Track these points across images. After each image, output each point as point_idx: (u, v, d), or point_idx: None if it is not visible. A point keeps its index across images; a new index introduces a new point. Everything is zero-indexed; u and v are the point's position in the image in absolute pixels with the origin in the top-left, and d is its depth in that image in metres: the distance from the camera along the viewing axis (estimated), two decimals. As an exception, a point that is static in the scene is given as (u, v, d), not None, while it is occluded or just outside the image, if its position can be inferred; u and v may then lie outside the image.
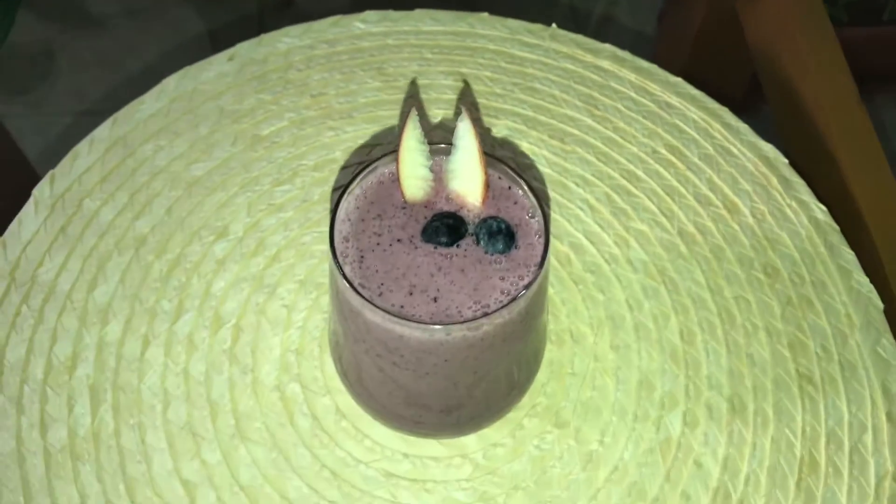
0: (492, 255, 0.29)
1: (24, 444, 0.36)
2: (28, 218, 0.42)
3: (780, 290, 0.41)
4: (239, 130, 0.45)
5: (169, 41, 1.15)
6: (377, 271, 0.29)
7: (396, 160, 0.30)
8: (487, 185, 0.30)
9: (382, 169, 0.31)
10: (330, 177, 0.44)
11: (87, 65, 1.07)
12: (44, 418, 0.37)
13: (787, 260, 0.42)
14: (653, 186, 0.44)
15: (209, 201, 0.43)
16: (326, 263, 0.41)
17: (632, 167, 0.45)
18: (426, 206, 0.31)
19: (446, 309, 0.28)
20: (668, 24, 0.72)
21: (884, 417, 0.38)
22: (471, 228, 0.30)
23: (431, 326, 0.27)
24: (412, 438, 0.37)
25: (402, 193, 0.31)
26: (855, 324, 0.40)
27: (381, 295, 0.29)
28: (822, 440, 0.37)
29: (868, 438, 0.37)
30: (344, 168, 0.44)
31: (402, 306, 0.28)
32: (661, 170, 0.45)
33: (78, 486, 0.35)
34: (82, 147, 0.45)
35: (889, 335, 0.40)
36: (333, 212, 0.30)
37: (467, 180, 0.30)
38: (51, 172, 0.44)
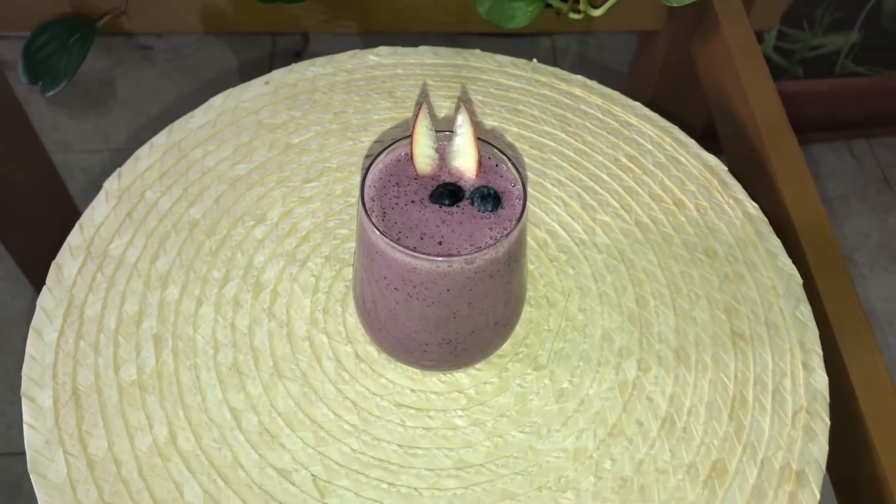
0: (483, 213, 0.39)
1: (101, 378, 0.44)
2: (100, 205, 0.51)
3: (719, 267, 0.50)
4: (274, 139, 0.55)
5: (185, 85, 1.28)
6: (396, 223, 0.38)
7: (410, 142, 0.40)
8: (480, 163, 0.40)
9: (399, 149, 0.40)
10: (349, 176, 0.53)
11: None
12: (116, 360, 0.45)
13: (724, 245, 0.51)
14: (615, 187, 0.54)
15: (250, 194, 0.52)
16: (347, 244, 0.50)
17: (598, 172, 0.55)
18: (432, 178, 0.40)
19: (448, 249, 0.37)
20: (636, 64, 0.83)
21: (800, 366, 0.47)
22: (467, 194, 0.39)
23: (437, 259, 0.36)
24: (417, 377, 0.45)
25: (414, 167, 0.40)
26: (779, 294, 0.49)
27: (398, 240, 0.37)
28: (751, 383, 0.46)
29: (787, 382, 0.46)
30: (367, 156, 0.54)
31: (415, 247, 0.37)
32: (622, 174, 0.54)
33: (146, 411, 0.43)
34: (143, 150, 0.54)
35: (806, 303, 0.49)
36: (363, 180, 0.39)
37: (465, 158, 0.40)
38: (118, 170, 0.53)
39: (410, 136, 0.40)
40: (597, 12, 0.61)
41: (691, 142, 0.57)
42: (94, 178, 1.18)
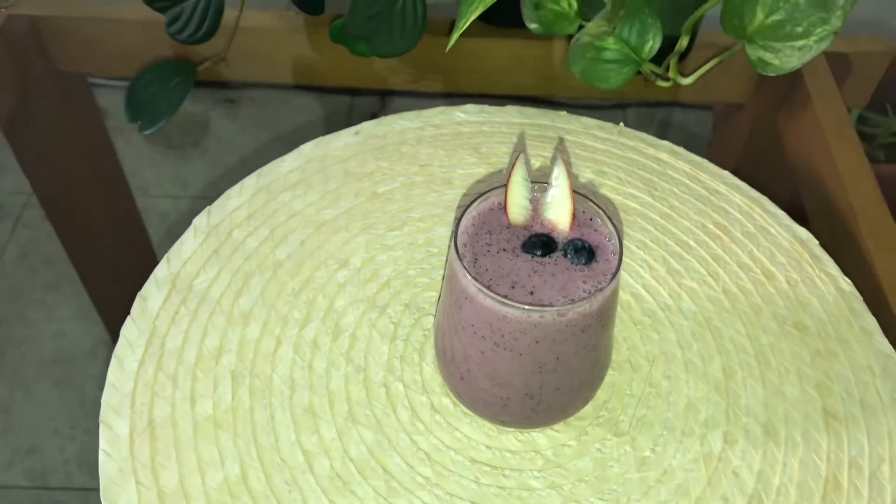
0: (577, 265, 0.38)
1: (177, 411, 0.44)
2: (188, 240, 0.52)
3: (810, 342, 0.48)
4: (360, 187, 0.56)
5: (264, 139, 1.32)
6: (487, 270, 0.38)
7: (504, 192, 0.40)
8: (574, 216, 0.39)
9: (492, 198, 0.40)
10: (432, 227, 0.53)
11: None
12: (193, 393, 0.45)
13: (815, 320, 0.49)
14: (702, 254, 0.53)
15: (334, 239, 0.52)
16: (426, 293, 0.50)
17: (684, 237, 0.54)
18: (525, 228, 0.39)
19: (540, 300, 0.37)
20: (718, 136, 0.82)
21: (900, 452, 0.44)
22: (560, 246, 0.39)
23: (530, 308, 0.35)
24: (493, 433, 0.44)
25: (507, 217, 0.40)
26: (875, 374, 0.47)
27: (489, 287, 0.37)
28: (845, 466, 0.43)
29: (885, 468, 0.43)
30: (459, 206, 0.54)
31: (506, 296, 0.37)
32: (709, 241, 0.53)
33: (218, 447, 0.43)
34: (234, 191, 0.55)
35: (905, 386, 0.47)
36: (456, 225, 0.39)
37: (559, 211, 0.39)
38: (207, 208, 0.54)
39: (505, 185, 0.40)
40: (686, 80, 0.61)
41: (781, 213, 0.55)
42: (168, 224, 1.22)
